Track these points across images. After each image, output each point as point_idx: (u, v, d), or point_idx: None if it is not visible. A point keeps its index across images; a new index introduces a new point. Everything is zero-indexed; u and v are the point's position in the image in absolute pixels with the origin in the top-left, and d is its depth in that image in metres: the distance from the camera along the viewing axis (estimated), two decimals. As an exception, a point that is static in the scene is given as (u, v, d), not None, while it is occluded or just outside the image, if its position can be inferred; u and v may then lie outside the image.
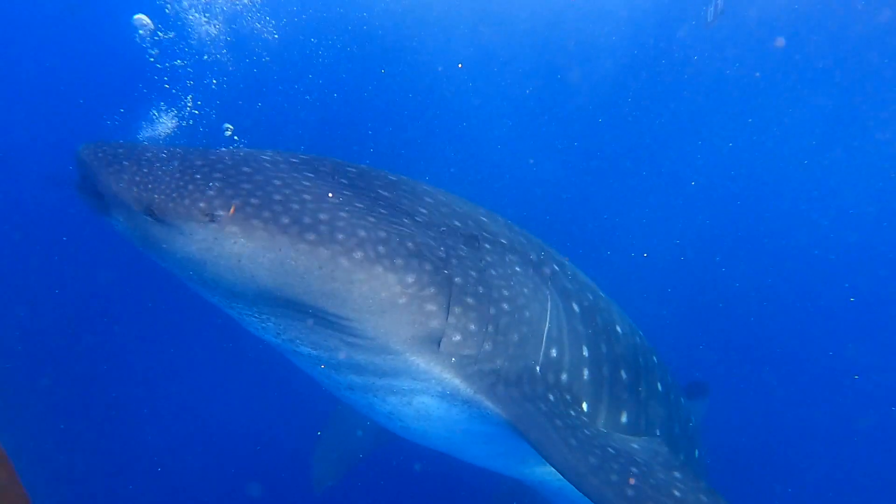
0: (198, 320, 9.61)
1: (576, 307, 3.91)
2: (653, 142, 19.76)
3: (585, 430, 3.40)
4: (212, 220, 2.99)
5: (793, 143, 19.26)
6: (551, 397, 3.48)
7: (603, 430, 3.60)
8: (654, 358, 4.65)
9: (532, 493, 5.75)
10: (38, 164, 12.43)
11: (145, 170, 3.09)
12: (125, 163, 3.10)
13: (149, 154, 3.19)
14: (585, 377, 3.76)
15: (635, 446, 3.52)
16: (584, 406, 3.70)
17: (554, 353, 3.61)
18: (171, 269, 3.32)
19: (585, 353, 3.81)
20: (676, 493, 3.16)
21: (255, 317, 3.34)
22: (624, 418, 3.97)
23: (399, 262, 3.15)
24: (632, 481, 3.14)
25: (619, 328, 4.24)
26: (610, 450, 3.33)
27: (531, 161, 17.21)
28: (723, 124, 18.88)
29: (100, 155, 3.13)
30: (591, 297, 4.14)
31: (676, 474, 3.34)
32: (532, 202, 16.13)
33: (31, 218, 11.90)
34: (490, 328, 3.33)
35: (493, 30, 18.08)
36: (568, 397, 3.60)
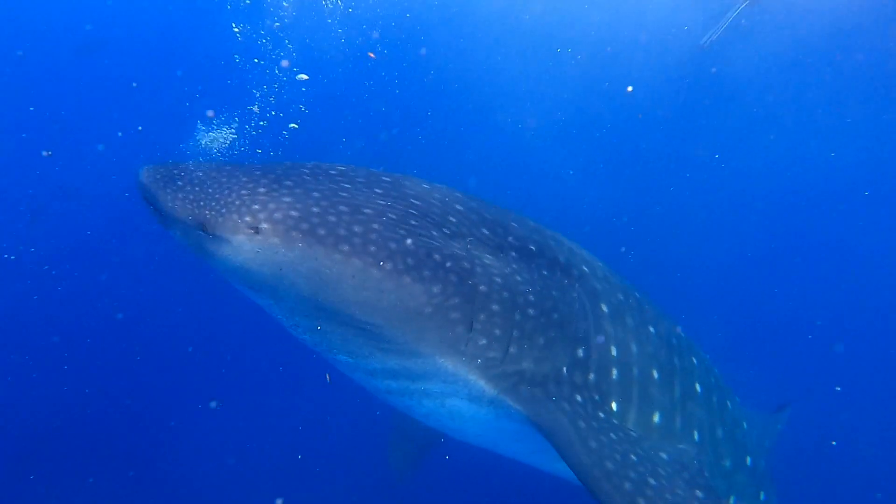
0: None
1: (605, 308, 4.01)
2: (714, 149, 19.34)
3: (611, 434, 3.48)
4: (256, 233, 3.24)
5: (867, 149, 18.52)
6: (578, 398, 3.60)
7: (633, 434, 3.64)
8: (694, 359, 4.65)
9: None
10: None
11: (197, 188, 3.37)
12: (179, 183, 3.39)
13: (200, 173, 3.48)
14: (614, 377, 3.85)
15: (664, 456, 3.55)
16: (614, 405, 3.79)
17: (581, 353, 3.73)
18: (223, 276, 3.62)
19: (614, 353, 3.90)
20: None
21: (297, 324, 3.61)
22: (656, 419, 4.03)
23: (426, 273, 3.35)
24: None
25: (651, 328, 4.30)
26: (632, 457, 3.38)
27: (572, 172, 17.15)
28: (781, 132, 18.35)
29: (157, 177, 3.42)
30: (621, 298, 4.23)
31: (699, 493, 3.35)
32: (587, 214, 16.03)
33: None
34: (515, 332, 3.49)
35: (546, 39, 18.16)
36: (597, 397, 3.70)
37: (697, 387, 4.50)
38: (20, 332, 10.66)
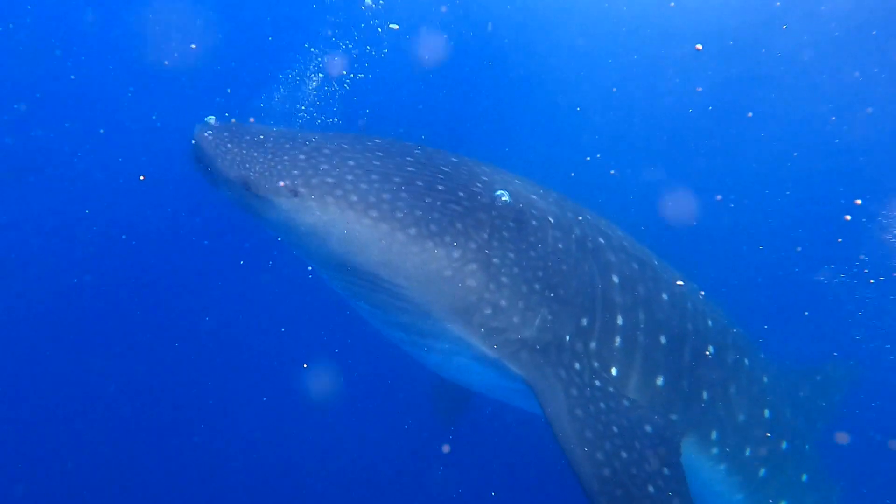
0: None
1: (615, 279, 4.20)
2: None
3: (601, 404, 3.74)
4: (295, 195, 3.58)
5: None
6: (577, 365, 3.85)
7: (626, 403, 3.86)
8: (710, 322, 4.79)
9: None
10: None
11: (244, 151, 3.69)
12: (229, 145, 3.70)
13: (248, 137, 3.79)
14: (617, 344, 4.08)
15: (648, 429, 3.78)
16: (614, 371, 4.02)
17: (584, 322, 3.97)
18: (266, 230, 4.01)
19: (620, 321, 4.12)
20: (651, 488, 3.46)
21: (328, 275, 4.03)
22: (660, 381, 4.25)
23: (448, 239, 3.64)
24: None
25: (665, 296, 4.46)
26: (614, 428, 3.63)
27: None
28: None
29: (209, 137, 3.73)
30: (636, 268, 4.41)
31: (666, 471, 3.60)
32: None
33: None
34: (521, 303, 3.75)
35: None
36: (596, 364, 3.94)
37: (710, 348, 4.67)
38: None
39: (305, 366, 9.93)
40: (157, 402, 9.79)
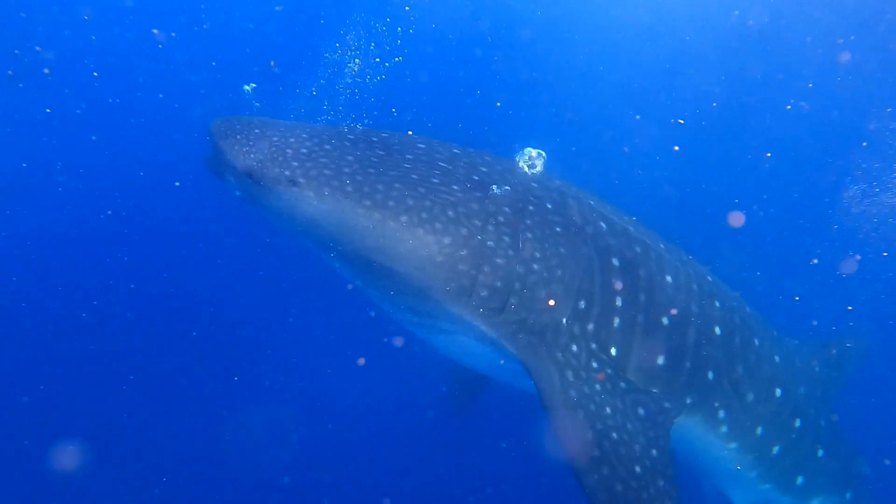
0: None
1: (616, 262, 4.26)
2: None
3: (596, 385, 3.85)
4: (294, 185, 3.79)
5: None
6: (574, 347, 3.96)
7: (622, 385, 3.97)
8: (717, 303, 4.78)
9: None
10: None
11: (252, 143, 3.93)
12: (238, 136, 3.95)
13: (257, 130, 4.01)
14: (615, 325, 4.14)
15: (640, 412, 3.91)
16: (613, 351, 4.11)
17: (583, 305, 4.06)
18: (269, 219, 4.21)
19: (619, 303, 4.18)
20: (638, 469, 3.59)
21: (333, 262, 4.21)
22: (660, 361, 4.30)
23: (438, 226, 3.80)
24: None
25: (669, 278, 4.48)
26: (607, 409, 3.76)
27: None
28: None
29: (222, 129, 4.00)
30: (638, 251, 4.44)
31: (654, 452, 3.72)
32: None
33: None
34: (517, 285, 3.87)
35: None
36: (594, 346, 4.04)
37: (717, 330, 4.67)
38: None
39: (318, 357, 10.17)
40: (169, 402, 9.96)
